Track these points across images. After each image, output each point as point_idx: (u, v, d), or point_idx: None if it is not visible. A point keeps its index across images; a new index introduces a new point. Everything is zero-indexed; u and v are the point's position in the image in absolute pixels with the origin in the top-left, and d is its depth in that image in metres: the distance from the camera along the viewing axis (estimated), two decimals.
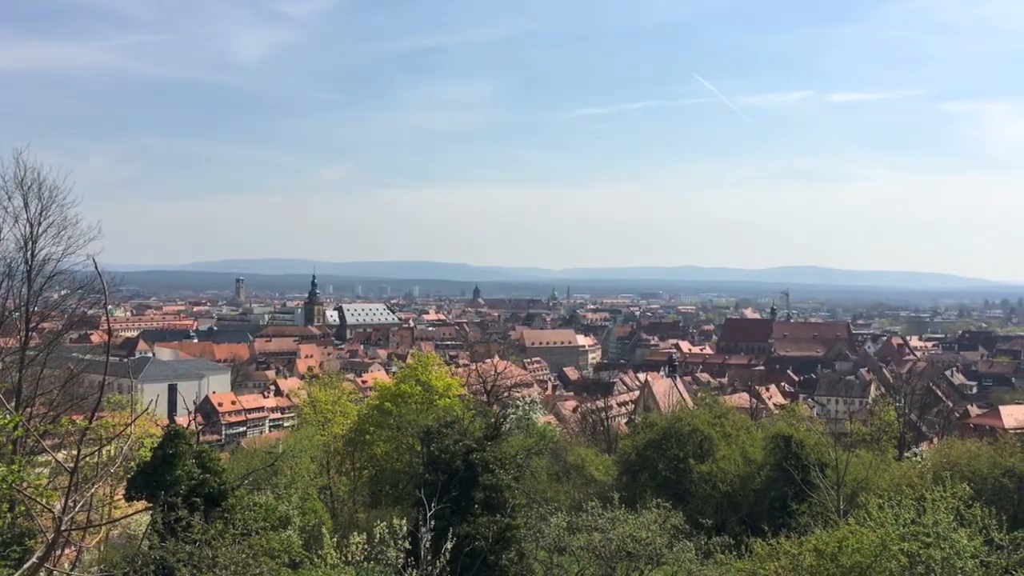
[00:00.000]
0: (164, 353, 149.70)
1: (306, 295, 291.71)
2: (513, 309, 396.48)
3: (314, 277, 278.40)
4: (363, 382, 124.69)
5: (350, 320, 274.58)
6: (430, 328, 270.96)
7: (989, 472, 38.69)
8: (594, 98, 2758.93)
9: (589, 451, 54.36)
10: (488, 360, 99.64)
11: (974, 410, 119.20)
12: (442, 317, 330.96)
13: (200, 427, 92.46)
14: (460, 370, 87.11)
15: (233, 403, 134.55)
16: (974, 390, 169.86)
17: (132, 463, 24.40)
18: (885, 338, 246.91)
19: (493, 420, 31.04)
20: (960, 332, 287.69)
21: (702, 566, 24.92)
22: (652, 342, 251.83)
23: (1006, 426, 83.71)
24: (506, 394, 60.87)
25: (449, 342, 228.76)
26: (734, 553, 26.05)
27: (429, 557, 18.73)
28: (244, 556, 18.34)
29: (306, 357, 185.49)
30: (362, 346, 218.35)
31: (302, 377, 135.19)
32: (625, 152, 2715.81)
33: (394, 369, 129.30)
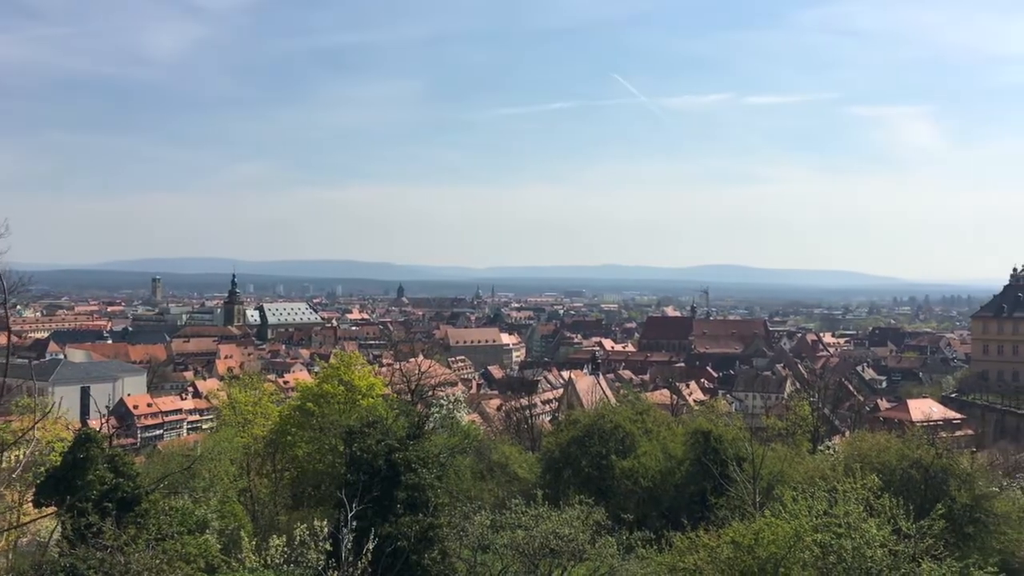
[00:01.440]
0: (76, 355, 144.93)
1: (226, 294, 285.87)
2: (437, 308, 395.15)
3: (234, 276, 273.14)
4: (285, 382, 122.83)
5: (271, 320, 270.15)
6: (353, 327, 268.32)
7: (897, 464, 40.00)
8: (517, 98, 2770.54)
9: (513, 449, 54.52)
10: (412, 359, 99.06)
11: (884, 404, 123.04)
12: (366, 316, 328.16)
13: (113, 430, 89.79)
14: (384, 370, 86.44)
15: (149, 405, 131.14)
16: (884, 384, 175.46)
17: (41, 468, 23.57)
18: (800, 335, 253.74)
19: (416, 419, 30.90)
20: (871, 329, 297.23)
21: (624, 561, 25.22)
22: (576, 340, 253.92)
23: (913, 419, 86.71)
24: (430, 393, 60.61)
25: (373, 341, 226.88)
26: (655, 547, 26.45)
27: (350, 558, 18.55)
28: (158, 562, 17.91)
29: (226, 358, 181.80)
30: (284, 346, 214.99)
31: (222, 378, 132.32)
32: (548, 152, 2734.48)
33: (317, 369, 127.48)
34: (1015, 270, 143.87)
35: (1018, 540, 38.73)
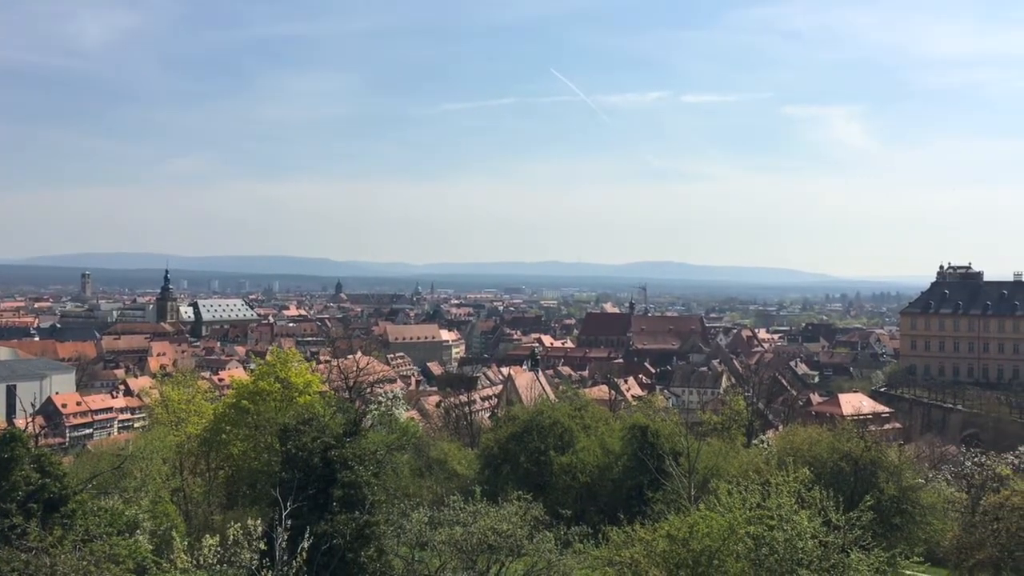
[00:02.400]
0: (1, 352, 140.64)
1: (158, 290, 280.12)
2: (376, 304, 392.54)
3: (167, 272, 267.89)
4: (220, 380, 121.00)
5: (206, 316, 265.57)
6: (291, 324, 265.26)
7: (828, 457, 40.89)
8: (459, 94, 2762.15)
9: (452, 446, 54.50)
10: (350, 356, 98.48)
11: (816, 398, 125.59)
12: (303, 313, 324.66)
13: (40, 430, 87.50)
14: (321, 367, 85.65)
15: (78, 404, 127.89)
16: (816, 379, 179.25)
17: None
18: (736, 331, 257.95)
19: (353, 416, 30.64)
20: (804, 325, 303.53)
21: (561, 556, 25.34)
22: (515, 336, 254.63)
23: (844, 413, 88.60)
24: (368, 390, 60.30)
25: (310, 338, 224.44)
26: (592, 542, 26.61)
27: (285, 557, 18.31)
28: (85, 563, 17.47)
29: (159, 355, 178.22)
30: (219, 343, 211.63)
31: (154, 376, 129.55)
32: (489, 148, 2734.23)
33: (252, 366, 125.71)
34: (942, 268, 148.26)
35: (942, 530, 39.90)
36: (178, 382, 53.79)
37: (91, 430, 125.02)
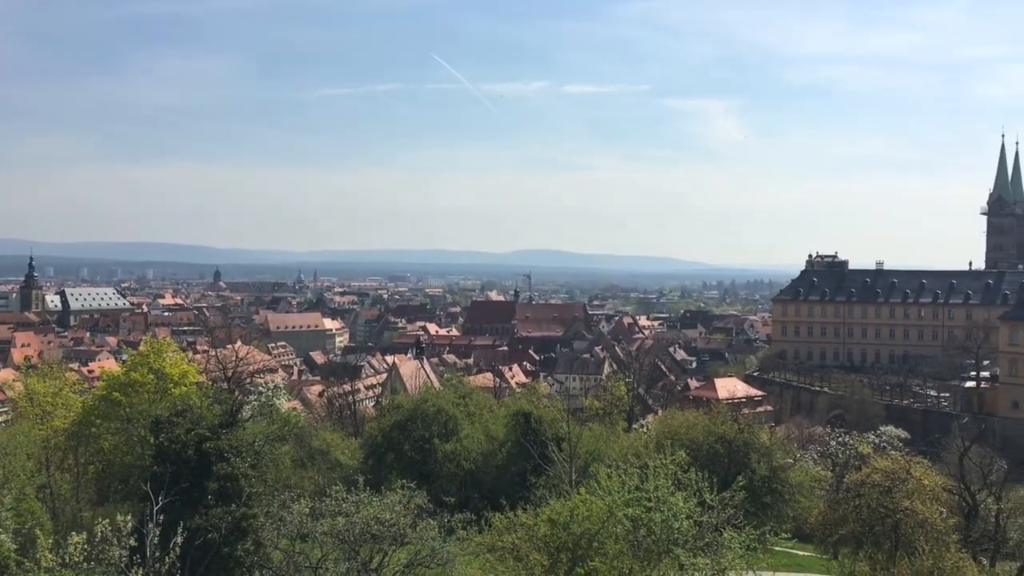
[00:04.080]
0: None
1: (22, 278, 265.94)
2: (257, 293, 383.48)
3: (31, 259, 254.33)
4: (90, 371, 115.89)
5: (74, 305, 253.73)
6: (166, 313, 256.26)
7: (704, 439, 42.29)
8: (342, 78, 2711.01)
9: (335, 435, 53.92)
10: (229, 346, 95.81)
11: (693, 383, 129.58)
12: (179, 302, 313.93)
13: None
14: (198, 356, 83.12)
15: None
16: (694, 365, 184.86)
17: None
18: (617, 318, 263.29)
19: (230, 407, 29.85)
20: (682, 312, 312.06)
21: (444, 543, 25.40)
22: (400, 325, 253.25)
23: (720, 397, 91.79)
24: (248, 380, 58.88)
25: (187, 327, 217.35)
26: (475, 528, 26.76)
27: (157, 553, 17.74)
28: None
29: (23, 346, 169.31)
30: (88, 333, 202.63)
31: (18, 368, 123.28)
32: (371, 134, 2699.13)
33: (125, 357, 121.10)
34: (810, 257, 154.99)
35: (809, 507, 41.83)
36: (44, 374, 51.33)
37: None
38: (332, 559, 24.75)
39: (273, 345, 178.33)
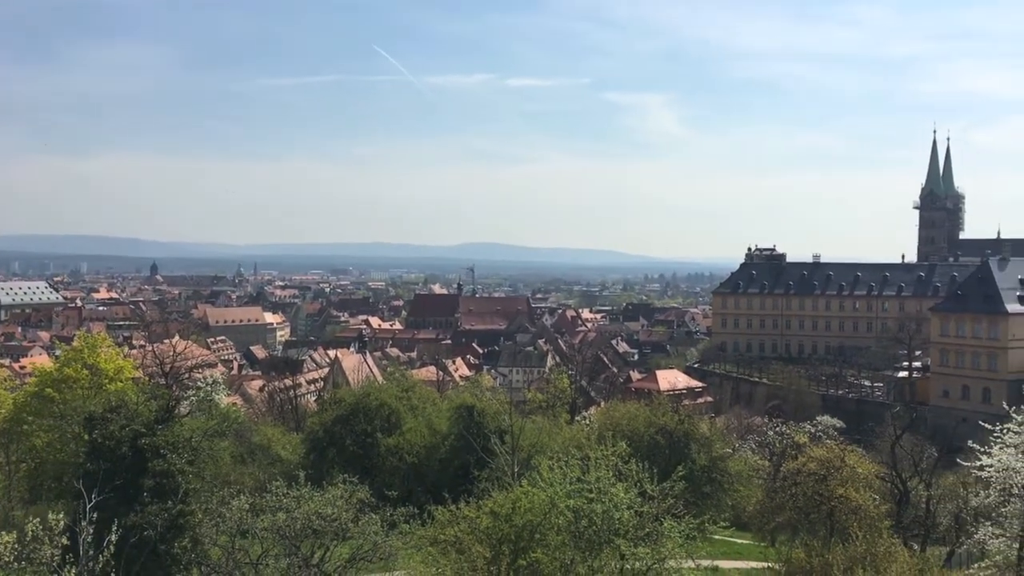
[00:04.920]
0: None
1: None
2: (195, 286, 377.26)
3: None
4: (21, 367, 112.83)
5: (5, 300, 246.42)
6: (101, 308, 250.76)
7: (645, 431, 42.73)
8: (280, 68, 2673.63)
9: (276, 430, 53.42)
10: (167, 340, 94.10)
11: (635, 375, 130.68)
12: (115, 296, 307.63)
13: None
14: (135, 352, 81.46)
15: None
16: (636, 357, 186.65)
17: None
18: (561, 311, 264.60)
19: (166, 403, 29.31)
20: (624, 304, 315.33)
21: (387, 537, 25.28)
22: (342, 318, 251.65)
23: (661, 389, 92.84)
24: (186, 375, 57.92)
25: (123, 322, 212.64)
26: (418, 522, 26.68)
27: (91, 552, 17.35)
28: None
29: None
30: (20, 328, 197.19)
31: None
32: (312, 126, 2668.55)
33: (58, 352, 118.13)
34: (749, 250, 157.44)
35: (748, 496, 42.57)
36: None
37: None
38: (273, 555, 24.47)
39: (212, 340, 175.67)
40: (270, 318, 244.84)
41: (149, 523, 21.70)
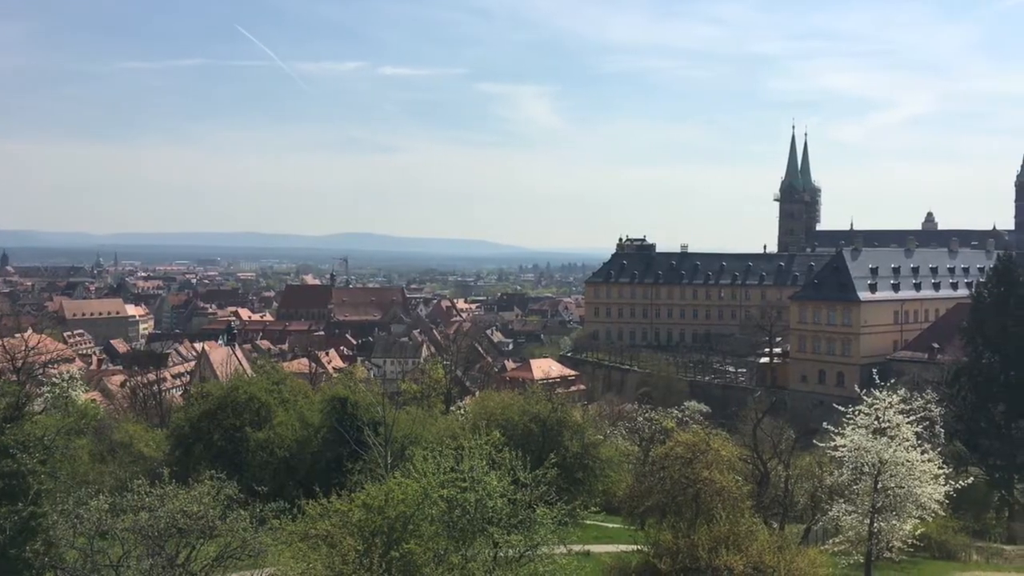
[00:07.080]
0: None
1: None
2: (50, 278, 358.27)
3: None
4: None
5: None
6: None
7: (519, 419, 43.13)
8: (139, 51, 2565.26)
9: (139, 427, 51.76)
10: (18, 335, 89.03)
11: (510, 364, 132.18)
12: None
13: None
14: None
15: None
16: (511, 346, 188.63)
17: None
18: (436, 301, 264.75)
19: (15, 400, 27.75)
20: (499, 294, 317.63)
21: (256, 534, 24.71)
22: (210, 310, 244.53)
23: (535, 377, 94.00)
24: (40, 371, 54.98)
25: None
26: (289, 516, 26.18)
27: None
28: None
29: None
30: None
31: None
32: (174, 111, 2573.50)
33: None
34: (621, 240, 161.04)
35: (618, 481, 43.54)
36: None
37: None
38: (135, 556, 23.56)
39: (69, 334, 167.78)
40: (132, 310, 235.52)
41: None
